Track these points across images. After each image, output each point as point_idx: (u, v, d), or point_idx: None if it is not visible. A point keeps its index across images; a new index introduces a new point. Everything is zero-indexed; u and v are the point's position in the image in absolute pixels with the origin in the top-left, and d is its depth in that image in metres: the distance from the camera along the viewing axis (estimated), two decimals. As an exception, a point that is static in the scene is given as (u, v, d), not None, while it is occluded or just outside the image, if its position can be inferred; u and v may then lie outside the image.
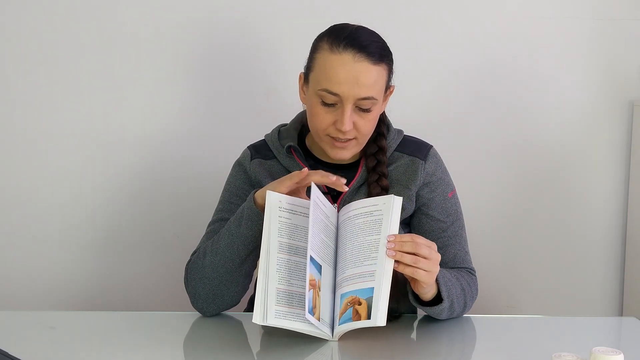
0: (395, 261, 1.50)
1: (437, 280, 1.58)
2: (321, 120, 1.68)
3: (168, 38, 2.30)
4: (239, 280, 1.68)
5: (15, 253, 2.34)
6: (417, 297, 1.63)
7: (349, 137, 1.68)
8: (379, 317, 1.45)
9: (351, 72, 1.64)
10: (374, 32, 1.71)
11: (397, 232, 1.52)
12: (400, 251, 1.50)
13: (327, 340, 1.54)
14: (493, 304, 2.39)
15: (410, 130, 1.87)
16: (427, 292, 1.59)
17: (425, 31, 2.34)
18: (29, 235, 2.34)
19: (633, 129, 2.41)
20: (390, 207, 1.53)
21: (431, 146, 1.83)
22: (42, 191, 2.32)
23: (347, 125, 1.65)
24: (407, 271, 1.51)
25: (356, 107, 1.67)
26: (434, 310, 1.63)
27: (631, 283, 2.43)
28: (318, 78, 1.67)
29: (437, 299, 1.62)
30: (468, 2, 2.35)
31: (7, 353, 1.31)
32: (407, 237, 1.52)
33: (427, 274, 1.52)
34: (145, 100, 2.32)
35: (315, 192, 1.55)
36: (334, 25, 1.72)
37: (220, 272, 1.67)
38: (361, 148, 1.75)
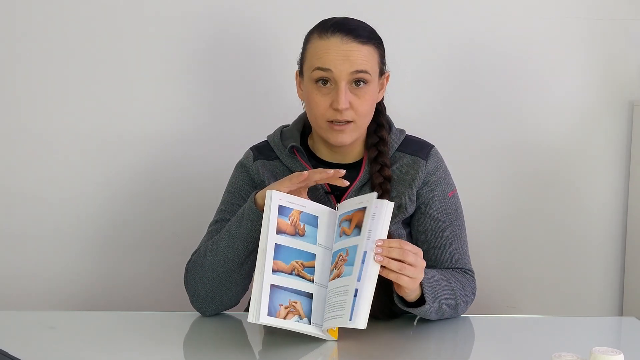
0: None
1: (421, 282, 1.59)
2: (318, 103, 1.70)
3: (169, 38, 2.30)
4: (239, 281, 1.68)
5: (16, 253, 2.34)
6: (402, 298, 1.63)
7: (346, 118, 1.69)
8: (360, 319, 1.46)
9: (340, 51, 1.68)
10: (361, 20, 1.75)
11: (385, 237, 1.52)
12: (387, 257, 1.50)
13: (327, 340, 1.54)
14: (493, 304, 2.39)
15: (410, 129, 1.87)
16: (410, 294, 1.60)
17: (425, 31, 2.34)
18: (29, 235, 2.33)
19: (633, 129, 2.41)
20: (383, 210, 1.54)
21: (433, 146, 1.83)
22: (43, 191, 2.32)
23: (342, 103, 1.66)
24: (391, 276, 1.52)
25: (351, 84, 1.68)
26: (418, 312, 1.63)
27: (631, 283, 2.43)
28: (310, 62, 1.71)
29: (422, 300, 1.63)
30: (468, 2, 2.35)
31: (7, 353, 1.31)
32: (395, 243, 1.52)
33: (410, 280, 1.53)
34: (145, 100, 2.32)
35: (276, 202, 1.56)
36: (322, 19, 1.77)
37: (220, 272, 1.67)
38: (360, 133, 1.75)
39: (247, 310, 1.90)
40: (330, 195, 1.74)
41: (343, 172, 1.60)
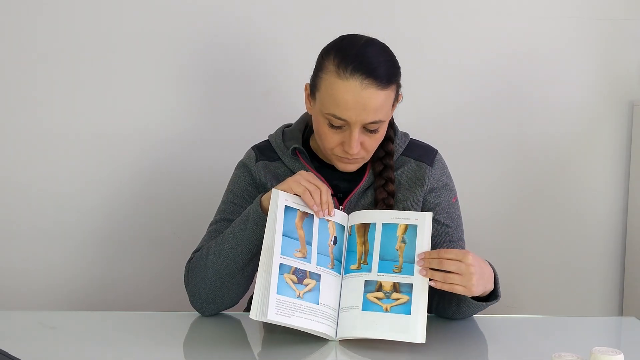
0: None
1: (495, 277, 1.60)
2: (329, 140, 1.67)
3: (168, 38, 2.30)
4: (241, 282, 1.68)
5: (16, 253, 2.34)
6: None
7: (356, 156, 1.68)
8: (418, 333, 1.48)
9: (358, 99, 1.60)
10: (384, 48, 1.67)
11: (428, 249, 1.54)
12: (430, 269, 1.51)
13: (328, 340, 1.54)
14: (493, 304, 2.39)
15: (410, 130, 1.87)
16: (480, 293, 1.59)
17: (426, 32, 2.35)
18: (30, 236, 2.33)
19: (633, 129, 2.41)
20: (424, 223, 1.55)
21: (437, 151, 1.82)
22: (43, 191, 2.32)
23: (354, 149, 1.64)
24: (445, 287, 1.52)
25: (364, 128, 1.65)
26: (483, 306, 1.65)
27: (631, 283, 2.43)
28: (325, 101, 1.64)
29: (488, 295, 1.64)
30: (469, 3, 2.35)
31: (7, 353, 1.30)
32: (435, 253, 1.53)
33: (463, 288, 1.52)
34: (145, 100, 2.32)
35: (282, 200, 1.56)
36: (342, 40, 1.68)
37: (222, 274, 1.66)
38: (367, 160, 1.75)
39: (247, 310, 1.91)
40: (333, 198, 1.74)
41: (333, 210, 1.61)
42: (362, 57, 1.61)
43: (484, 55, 2.37)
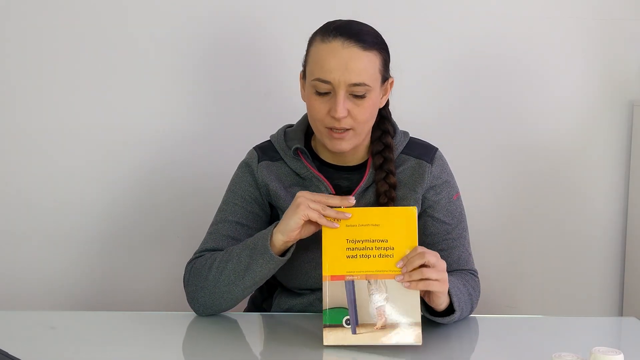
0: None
1: (449, 291, 1.59)
2: (317, 110, 1.67)
3: (170, 40, 2.30)
4: (239, 298, 1.68)
5: (16, 253, 2.34)
6: (429, 309, 1.63)
7: (344, 126, 1.67)
8: (419, 336, 1.49)
9: (340, 58, 1.63)
10: (366, 24, 1.71)
11: (416, 244, 1.52)
12: (409, 271, 1.50)
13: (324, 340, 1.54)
14: (493, 304, 2.39)
15: (411, 130, 1.87)
16: (442, 303, 1.58)
17: (426, 32, 2.35)
18: (30, 236, 2.34)
19: (633, 129, 2.41)
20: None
21: (437, 149, 1.82)
22: (44, 191, 2.33)
23: (340, 112, 1.64)
24: (420, 286, 1.50)
25: (350, 94, 1.66)
26: (445, 320, 1.63)
27: (631, 283, 2.43)
28: (311, 69, 1.68)
29: (448, 309, 1.63)
30: (469, 3, 2.35)
31: (7, 353, 1.30)
32: (413, 251, 1.52)
33: (439, 283, 1.51)
34: (146, 101, 2.32)
35: None
36: (327, 22, 1.73)
37: (223, 290, 1.66)
38: (360, 140, 1.73)
39: (247, 310, 1.91)
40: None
41: (352, 201, 1.59)
42: (345, 25, 1.68)
43: (483, 55, 2.37)
